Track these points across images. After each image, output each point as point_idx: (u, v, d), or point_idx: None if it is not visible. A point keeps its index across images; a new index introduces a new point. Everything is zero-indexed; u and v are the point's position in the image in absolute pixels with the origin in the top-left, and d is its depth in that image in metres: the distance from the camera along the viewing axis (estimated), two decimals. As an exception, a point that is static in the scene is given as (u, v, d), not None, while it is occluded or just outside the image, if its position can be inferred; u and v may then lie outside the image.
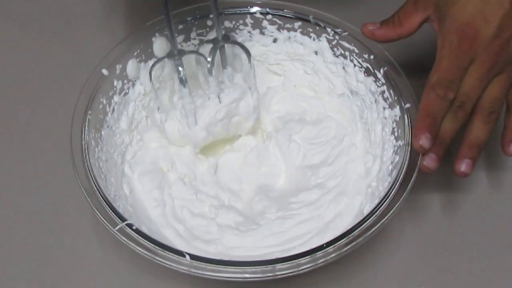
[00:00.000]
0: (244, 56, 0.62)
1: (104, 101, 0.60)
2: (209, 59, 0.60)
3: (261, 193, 0.61)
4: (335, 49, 0.65)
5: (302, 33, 0.66)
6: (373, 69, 0.62)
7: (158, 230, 0.58)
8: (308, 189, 0.61)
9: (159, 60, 0.60)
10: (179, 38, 0.65)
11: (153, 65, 0.60)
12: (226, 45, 0.62)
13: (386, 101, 0.61)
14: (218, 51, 0.61)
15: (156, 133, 0.64)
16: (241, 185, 0.62)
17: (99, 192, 0.53)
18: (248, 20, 0.66)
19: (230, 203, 0.61)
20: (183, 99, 0.60)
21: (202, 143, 0.63)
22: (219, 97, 0.62)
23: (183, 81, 0.59)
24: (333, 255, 0.50)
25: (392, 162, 0.57)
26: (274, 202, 0.60)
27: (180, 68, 0.59)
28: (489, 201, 0.63)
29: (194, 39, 0.66)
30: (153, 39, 0.63)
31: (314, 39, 0.66)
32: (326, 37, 0.65)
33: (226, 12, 0.65)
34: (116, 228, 0.51)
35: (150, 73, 0.59)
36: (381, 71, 0.61)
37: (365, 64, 0.63)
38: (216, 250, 0.56)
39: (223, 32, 0.61)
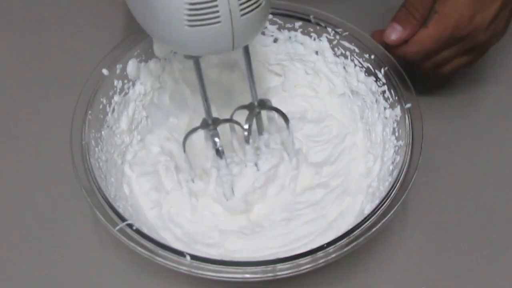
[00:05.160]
0: (278, 119, 0.60)
1: (104, 101, 0.60)
2: (245, 126, 0.58)
3: (272, 199, 0.61)
4: (336, 49, 0.65)
5: (302, 33, 0.66)
6: (374, 69, 0.62)
7: (156, 232, 0.57)
8: (312, 188, 0.61)
9: (193, 130, 0.57)
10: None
11: (186, 136, 0.57)
12: (262, 111, 0.60)
13: (387, 101, 0.61)
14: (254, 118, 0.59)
15: (158, 136, 0.64)
16: (252, 206, 0.60)
17: (99, 192, 0.53)
18: (249, 20, 0.66)
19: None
20: (220, 170, 0.58)
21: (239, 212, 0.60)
22: (256, 164, 0.60)
23: (219, 153, 0.56)
24: (333, 255, 0.50)
25: (393, 162, 0.57)
26: (279, 203, 0.60)
27: (217, 139, 0.56)
28: (490, 202, 0.63)
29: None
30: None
31: (314, 39, 0.65)
32: (326, 37, 0.65)
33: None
34: (116, 228, 0.51)
35: (183, 145, 0.57)
36: (382, 71, 0.61)
37: (365, 64, 0.63)
38: (218, 252, 0.56)
39: (259, 98, 0.59)
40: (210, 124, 0.56)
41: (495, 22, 0.59)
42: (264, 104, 0.59)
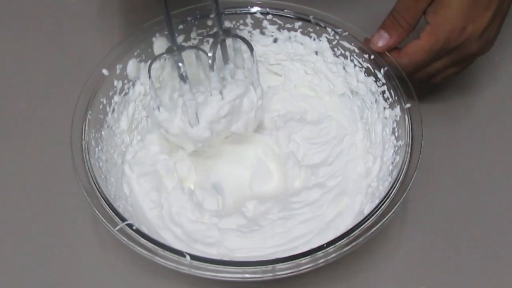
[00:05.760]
0: (245, 51, 0.61)
1: (104, 101, 0.60)
2: (210, 54, 0.58)
3: (264, 197, 0.61)
4: (336, 49, 0.65)
5: (302, 33, 0.66)
6: (374, 69, 0.62)
7: (156, 232, 0.57)
8: (309, 188, 0.61)
9: (158, 56, 0.59)
10: (179, 38, 0.65)
11: (152, 62, 0.58)
12: (227, 40, 0.60)
13: (386, 101, 0.61)
14: (219, 46, 0.60)
15: (158, 135, 0.64)
16: (245, 202, 0.61)
17: (99, 192, 0.53)
18: (249, 20, 0.66)
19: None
20: (184, 95, 0.58)
21: (205, 142, 0.61)
22: (221, 93, 0.60)
23: (183, 77, 0.57)
24: (333, 255, 0.50)
25: (392, 162, 0.57)
26: (275, 203, 0.60)
27: (180, 64, 0.57)
28: (490, 202, 0.63)
29: (194, 39, 0.66)
30: (153, 39, 0.63)
31: (314, 39, 0.65)
32: (326, 37, 0.65)
33: (227, 12, 0.65)
34: (116, 228, 0.51)
35: (149, 71, 0.58)
36: (382, 71, 0.61)
37: (365, 64, 0.63)
38: (217, 251, 0.56)
39: (224, 26, 0.59)
40: (175, 49, 0.57)
41: (487, 32, 0.59)
42: (228, 32, 0.60)
